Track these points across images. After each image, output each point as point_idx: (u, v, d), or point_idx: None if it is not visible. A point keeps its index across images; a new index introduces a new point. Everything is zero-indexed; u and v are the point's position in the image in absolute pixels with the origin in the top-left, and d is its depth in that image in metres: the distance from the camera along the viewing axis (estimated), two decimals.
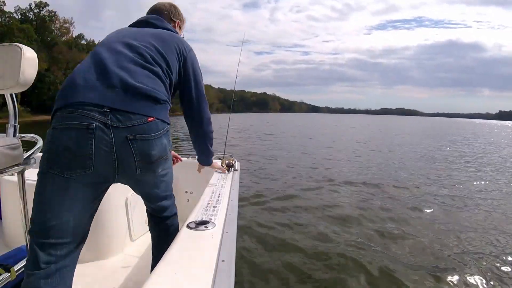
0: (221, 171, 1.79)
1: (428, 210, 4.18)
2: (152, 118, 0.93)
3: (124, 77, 0.92)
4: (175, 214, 1.26)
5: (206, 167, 1.56)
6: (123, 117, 0.88)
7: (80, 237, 0.95)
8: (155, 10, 1.35)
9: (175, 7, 1.40)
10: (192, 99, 1.21)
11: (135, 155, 0.90)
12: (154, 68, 1.01)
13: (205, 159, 1.45)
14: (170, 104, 1.07)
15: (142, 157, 0.92)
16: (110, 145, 0.87)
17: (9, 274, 0.93)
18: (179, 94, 1.23)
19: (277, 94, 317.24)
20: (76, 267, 1.57)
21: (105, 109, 0.87)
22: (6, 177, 1.64)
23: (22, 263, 1.00)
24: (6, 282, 0.93)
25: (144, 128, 0.91)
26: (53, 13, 47.30)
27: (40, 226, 0.88)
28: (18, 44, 1.02)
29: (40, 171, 0.88)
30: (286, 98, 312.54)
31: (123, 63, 0.96)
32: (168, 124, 1.02)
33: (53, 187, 0.87)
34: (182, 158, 1.69)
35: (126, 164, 0.90)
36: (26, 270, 0.88)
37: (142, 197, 1.14)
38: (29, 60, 1.02)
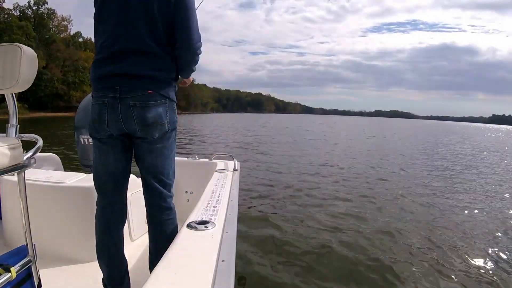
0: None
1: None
2: (151, 91, 1.17)
3: (129, 69, 1.16)
4: (172, 209, 1.29)
5: (206, 168, 1.57)
6: (128, 90, 1.15)
7: (119, 178, 1.27)
8: None
9: None
10: (181, 27, 1.22)
11: (135, 117, 1.15)
12: (149, 50, 1.18)
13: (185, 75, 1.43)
14: (173, 76, 1.25)
15: (140, 120, 1.16)
16: (118, 112, 1.15)
17: (9, 274, 0.92)
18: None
19: (272, 95, 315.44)
20: (76, 267, 1.58)
21: (116, 87, 1.14)
22: (6, 177, 1.64)
23: (22, 263, 1.00)
24: (6, 282, 0.93)
25: (143, 98, 1.16)
26: (51, 11, 47.16)
27: (94, 171, 1.27)
28: (18, 44, 1.01)
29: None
30: (280, 99, 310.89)
31: (126, 55, 1.17)
32: (168, 98, 1.21)
33: (95, 147, 1.26)
34: (182, 158, 1.69)
35: (129, 125, 1.17)
36: (96, 204, 1.29)
37: (141, 171, 1.27)
38: (29, 60, 1.02)
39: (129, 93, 1.15)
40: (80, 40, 53.06)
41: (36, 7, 45.73)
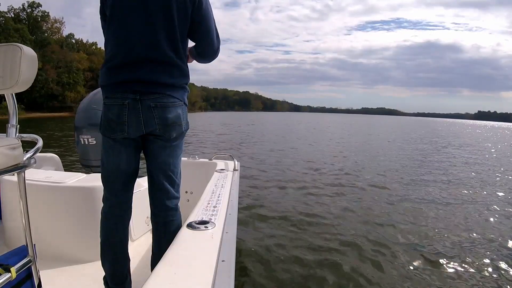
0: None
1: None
2: (169, 94, 1.21)
3: (148, 76, 1.18)
4: (178, 211, 1.30)
5: (206, 168, 1.57)
6: (148, 92, 1.18)
7: (130, 177, 1.29)
8: None
9: None
10: (202, 33, 1.29)
11: (156, 117, 1.19)
12: (166, 60, 1.20)
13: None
14: (187, 81, 1.29)
15: (160, 120, 1.20)
16: (139, 113, 1.18)
17: (9, 274, 0.92)
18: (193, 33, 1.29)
19: (259, 93, 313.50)
20: (76, 267, 1.59)
21: (136, 90, 1.17)
22: (6, 177, 1.63)
23: (22, 263, 1.00)
24: (6, 282, 0.93)
25: (163, 100, 1.20)
26: (45, 13, 47.12)
27: (104, 170, 1.29)
28: (18, 44, 1.02)
29: (101, 135, 1.27)
30: (268, 97, 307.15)
31: (143, 64, 1.19)
32: (181, 101, 1.25)
33: (107, 146, 1.26)
34: (182, 158, 1.70)
35: (149, 125, 1.19)
36: (102, 201, 1.31)
37: (151, 169, 1.28)
38: (29, 60, 1.02)
39: (149, 95, 1.18)
40: (73, 41, 53.19)
41: (30, 10, 45.64)
